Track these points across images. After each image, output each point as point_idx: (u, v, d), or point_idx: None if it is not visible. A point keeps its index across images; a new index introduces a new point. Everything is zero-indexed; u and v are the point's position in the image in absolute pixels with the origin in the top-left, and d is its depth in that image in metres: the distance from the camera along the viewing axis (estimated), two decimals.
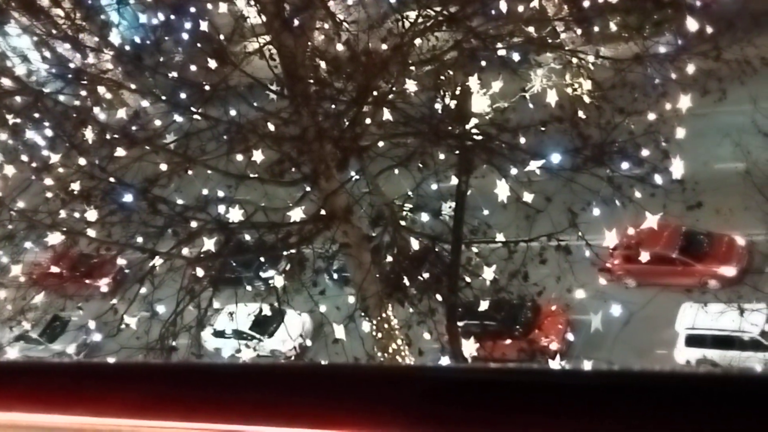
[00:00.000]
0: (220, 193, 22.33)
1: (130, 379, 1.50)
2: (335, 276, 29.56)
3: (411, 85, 21.04)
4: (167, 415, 1.28)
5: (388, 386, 1.17)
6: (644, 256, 26.82)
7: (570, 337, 27.91)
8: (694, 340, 25.90)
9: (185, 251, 21.30)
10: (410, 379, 1.28)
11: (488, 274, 21.80)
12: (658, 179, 20.83)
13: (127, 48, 24.36)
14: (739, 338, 24.80)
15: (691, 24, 21.69)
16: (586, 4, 22.79)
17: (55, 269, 26.00)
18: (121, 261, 25.21)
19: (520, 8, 21.81)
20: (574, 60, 22.41)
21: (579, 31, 24.17)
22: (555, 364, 24.53)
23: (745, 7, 28.54)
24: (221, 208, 21.43)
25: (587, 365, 23.08)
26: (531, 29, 21.84)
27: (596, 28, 22.95)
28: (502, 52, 21.35)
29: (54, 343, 34.42)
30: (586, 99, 22.30)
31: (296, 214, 20.96)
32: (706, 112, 23.51)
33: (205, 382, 1.42)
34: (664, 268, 27.94)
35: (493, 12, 20.80)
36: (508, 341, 26.96)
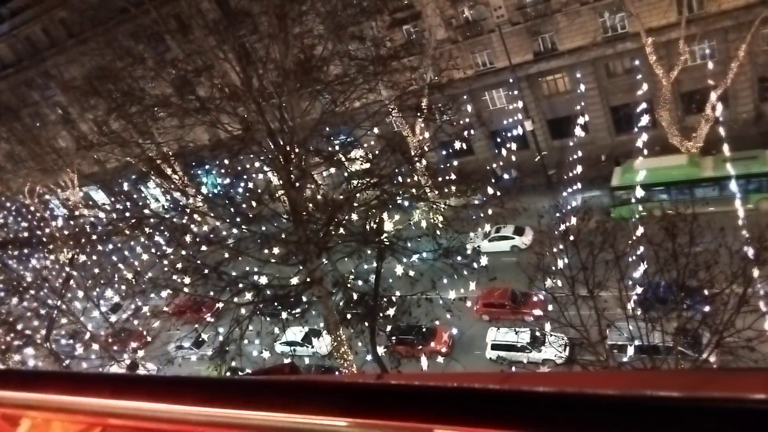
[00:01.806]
0: (255, 269, 22.07)
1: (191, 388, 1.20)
2: (314, 312, 28.85)
3: (354, 217, 21.21)
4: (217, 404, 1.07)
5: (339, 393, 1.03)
6: (491, 304, 26.85)
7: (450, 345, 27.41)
8: (495, 346, 25.76)
9: (235, 299, 20.87)
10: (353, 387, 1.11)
11: (391, 312, 21.82)
12: (475, 265, 21.23)
13: (210, 195, 24.28)
14: (515, 345, 24.84)
15: (490, 190, 22.59)
16: (440, 179, 23.56)
17: (168, 309, 24.55)
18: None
19: (408, 180, 22.36)
20: (435, 206, 22.73)
21: (437, 192, 24.70)
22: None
23: (516, 182, 29.78)
24: (256, 277, 21.15)
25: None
26: (413, 190, 21.84)
27: (445, 190, 23.50)
28: (399, 201, 21.33)
29: (200, 348, 30.29)
30: (440, 225, 22.66)
31: (294, 281, 20.87)
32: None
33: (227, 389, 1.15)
34: (501, 310, 26.58)
35: (395, 182, 20.97)
36: (419, 347, 25.95)
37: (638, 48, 30.00)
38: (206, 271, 19.60)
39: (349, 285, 21.65)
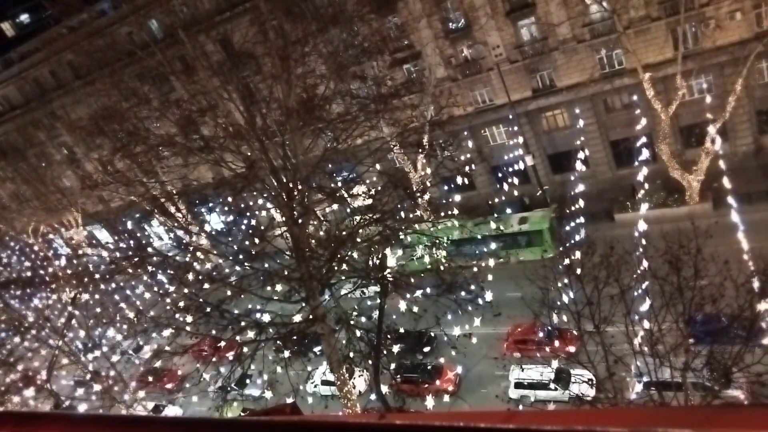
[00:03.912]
0: (258, 307, 21.86)
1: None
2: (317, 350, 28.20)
3: (356, 253, 21.07)
4: None
5: None
6: (521, 340, 26.16)
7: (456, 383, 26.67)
8: (517, 385, 24.86)
9: (237, 338, 20.58)
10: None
11: (395, 348, 21.50)
12: (479, 301, 20.99)
13: (213, 233, 24.26)
14: (539, 383, 24.02)
15: (492, 225, 22.49)
16: (442, 214, 23.53)
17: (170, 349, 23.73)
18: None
19: (411, 215, 22.34)
20: (437, 241, 22.76)
21: (439, 227, 24.68)
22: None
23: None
24: (258, 315, 20.96)
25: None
26: (416, 226, 21.65)
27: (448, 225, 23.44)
28: (402, 237, 21.10)
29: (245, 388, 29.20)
30: (443, 260, 22.53)
31: (297, 318, 20.66)
32: (501, 268, 23.90)
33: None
34: (534, 347, 25.33)
35: (397, 217, 20.88)
36: (425, 386, 25.70)
37: (636, 83, 30.44)
38: (209, 309, 19.37)
39: (352, 322, 21.39)
